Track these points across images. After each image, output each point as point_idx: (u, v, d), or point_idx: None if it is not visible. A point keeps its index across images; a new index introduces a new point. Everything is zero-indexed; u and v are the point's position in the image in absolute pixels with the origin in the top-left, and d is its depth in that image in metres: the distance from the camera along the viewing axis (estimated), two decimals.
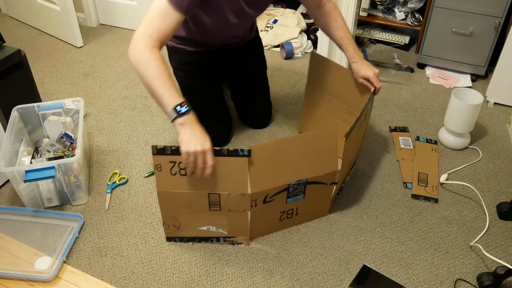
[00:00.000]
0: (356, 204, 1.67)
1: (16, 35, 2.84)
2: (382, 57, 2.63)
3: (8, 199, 1.69)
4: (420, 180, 1.76)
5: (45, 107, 1.80)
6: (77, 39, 2.67)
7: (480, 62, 2.33)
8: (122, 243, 1.53)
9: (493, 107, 2.21)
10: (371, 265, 1.46)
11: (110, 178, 1.78)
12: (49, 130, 1.80)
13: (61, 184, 1.60)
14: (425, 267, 1.45)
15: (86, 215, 1.63)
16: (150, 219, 1.61)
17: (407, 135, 2.01)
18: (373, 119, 2.10)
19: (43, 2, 2.70)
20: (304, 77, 2.42)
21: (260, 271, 1.44)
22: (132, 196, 1.70)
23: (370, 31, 2.78)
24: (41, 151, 1.75)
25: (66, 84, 2.37)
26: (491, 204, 1.67)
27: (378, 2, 2.63)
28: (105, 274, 1.43)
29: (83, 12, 2.91)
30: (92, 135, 2.01)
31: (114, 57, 2.60)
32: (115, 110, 2.17)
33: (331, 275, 1.42)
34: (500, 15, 2.16)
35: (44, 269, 1.42)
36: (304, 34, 2.71)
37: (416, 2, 2.53)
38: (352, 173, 1.80)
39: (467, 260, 1.47)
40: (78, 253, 1.49)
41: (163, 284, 1.40)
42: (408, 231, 1.57)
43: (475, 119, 1.85)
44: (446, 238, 1.55)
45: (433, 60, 2.45)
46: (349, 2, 2.19)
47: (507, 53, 2.08)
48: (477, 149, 1.94)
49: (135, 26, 2.89)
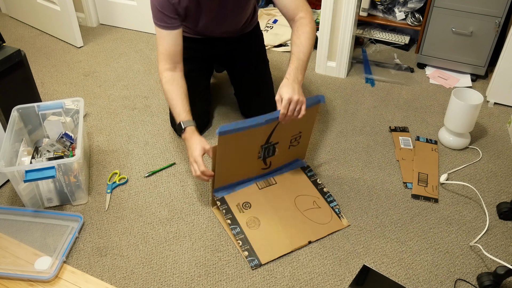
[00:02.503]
0: (356, 204, 1.67)
1: (16, 35, 2.84)
2: (382, 57, 2.63)
3: (8, 199, 1.69)
4: (420, 180, 1.76)
5: (45, 107, 1.80)
6: (77, 39, 2.67)
7: (480, 62, 2.33)
8: (122, 243, 1.53)
9: (493, 107, 2.21)
10: (371, 265, 1.45)
11: (110, 178, 1.78)
12: (49, 130, 1.80)
13: (61, 184, 1.60)
14: (425, 267, 1.45)
15: (86, 215, 1.63)
16: (150, 219, 1.61)
17: (407, 135, 2.01)
18: (373, 119, 2.10)
19: (43, 2, 2.70)
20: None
21: (260, 271, 1.44)
22: (132, 196, 1.70)
23: (370, 31, 2.78)
24: (41, 151, 1.75)
25: (66, 84, 2.37)
26: (491, 204, 1.67)
27: (378, 2, 2.63)
28: (105, 274, 1.43)
29: (83, 12, 2.90)
30: (92, 135, 2.01)
31: (114, 57, 2.60)
32: (115, 110, 2.17)
33: (331, 275, 1.42)
34: (500, 15, 2.16)
35: (44, 269, 1.42)
36: None
37: (416, 2, 2.53)
38: (352, 173, 1.81)
39: (467, 260, 1.47)
40: (78, 253, 1.49)
41: (163, 284, 1.40)
42: (408, 231, 1.57)
43: (475, 119, 1.85)
44: (446, 238, 1.54)
45: (433, 60, 2.45)
46: (349, 2, 2.19)
47: (507, 53, 2.08)
48: (477, 149, 1.94)
49: (135, 26, 2.90)
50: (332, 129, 2.04)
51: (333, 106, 2.20)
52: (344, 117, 2.12)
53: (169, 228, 1.58)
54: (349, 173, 1.81)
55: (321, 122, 2.08)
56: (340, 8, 2.24)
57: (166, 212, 1.64)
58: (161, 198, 1.69)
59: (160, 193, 1.72)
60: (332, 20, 2.28)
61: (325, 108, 2.17)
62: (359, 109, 2.18)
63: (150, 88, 2.32)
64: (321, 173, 1.80)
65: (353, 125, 2.07)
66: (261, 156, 1.60)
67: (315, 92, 2.30)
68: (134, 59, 2.58)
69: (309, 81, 2.39)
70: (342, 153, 1.91)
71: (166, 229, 1.58)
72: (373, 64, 2.54)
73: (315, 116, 1.64)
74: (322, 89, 2.32)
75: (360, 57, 2.61)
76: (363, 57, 2.61)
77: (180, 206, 1.66)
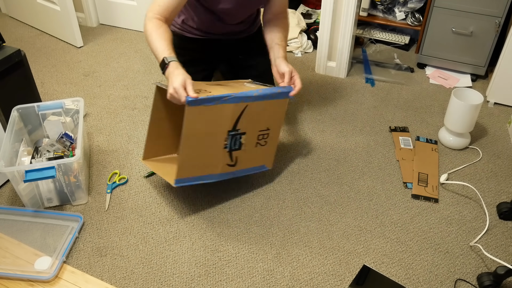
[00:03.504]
0: (356, 204, 1.67)
1: (16, 35, 2.84)
2: (382, 57, 2.63)
3: (8, 199, 1.69)
4: (420, 180, 1.76)
5: (45, 107, 1.80)
6: (77, 39, 2.67)
7: (480, 62, 2.33)
8: (122, 243, 1.53)
9: (493, 107, 2.21)
10: (371, 265, 1.45)
11: (110, 178, 1.78)
12: (49, 130, 1.80)
13: (61, 184, 1.60)
14: (425, 267, 1.45)
15: (86, 215, 1.63)
16: (150, 219, 1.61)
17: (407, 135, 2.01)
18: (373, 119, 2.10)
19: (43, 2, 2.70)
20: (303, 77, 2.42)
21: (260, 271, 1.44)
22: (132, 196, 1.70)
23: (370, 31, 2.78)
24: (41, 151, 1.75)
25: (66, 84, 2.37)
26: (491, 204, 1.67)
27: (378, 2, 2.63)
28: (105, 274, 1.43)
29: (83, 12, 2.91)
30: (92, 135, 2.01)
31: (114, 57, 2.60)
32: (115, 110, 2.17)
33: (331, 275, 1.42)
34: (500, 15, 2.16)
35: (44, 269, 1.42)
36: (304, 34, 2.71)
37: (416, 2, 2.53)
38: (352, 173, 1.81)
39: (467, 260, 1.47)
40: (78, 253, 1.49)
41: (163, 284, 1.40)
42: (408, 231, 1.57)
43: (475, 119, 1.85)
44: (446, 238, 1.54)
45: (433, 60, 2.45)
46: (349, 2, 2.19)
47: (507, 53, 2.08)
48: (477, 149, 1.94)
49: (135, 26, 2.90)
50: (332, 129, 2.04)
51: (333, 106, 2.20)
52: (344, 117, 2.12)
53: (169, 228, 1.58)
54: (349, 173, 1.81)
55: (321, 122, 2.08)
56: (340, 8, 2.24)
57: (166, 212, 1.64)
58: (161, 198, 1.69)
59: (160, 193, 1.72)
60: (332, 20, 2.28)
61: (325, 108, 2.18)
62: (359, 109, 2.18)
63: (150, 88, 2.32)
64: (321, 173, 1.80)
65: (353, 125, 2.07)
66: (228, 146, 1.57)
67: (315, 92, 2.30)
68: (134, 59, 2.58)
69: (309, 81, 2.39)
70: (342, 153, 1.91)
71: (166, 229, 1.58)
72: (373, 64, 2.54)
73: (283, 112, 1.64)
74: (322, 89, 2.32)
75: (360, 57, 2.61)
76: (363, 57, 2.61)
77: (180, 206, 1.66)
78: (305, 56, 2.63)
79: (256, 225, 1.59)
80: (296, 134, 2.01)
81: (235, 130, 1.55)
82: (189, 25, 1.80)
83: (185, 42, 1.85)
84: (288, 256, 1.48)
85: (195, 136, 1.47)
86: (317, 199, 1.69)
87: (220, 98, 1.44)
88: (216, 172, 1.61)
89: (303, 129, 2.04)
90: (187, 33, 1.83)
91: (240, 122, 1.54)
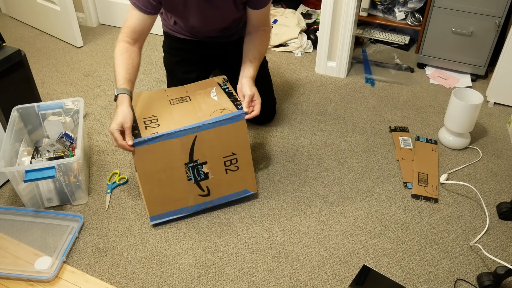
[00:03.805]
0: (356, 204, 1.67)
1: (16, 35, 2.84)
2: (382, 57, 2.63)
3: (8, 199, 1.69)
4: (420, 180, 1.76)
5: (45, 107, 1.80)
6: (77, 39, 2.67)
7: (480, 62, 2.33)
8: (122, 243, 1.53)
9: (493, 107, 2.21)
10: (371, 265, 1.46)
11: (110, 178, 1.78)
12: (49, 130, 1.80)
13: (61, 184, 1.60)
14: (425, 267, 1.45)
15: (86, 215, 1.63)
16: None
17: (407, 135, 2.01)
18: (373, 119, 2.10)
19: (43, 2, 2.70)
20: (303, 77, 2.42)
21: (260, 271, 1.44)
22: (132, 196, 1.70)
23: (370, 31, 2.78)
24: (41, 151, 1.75)
25: (66, 84, 2.37)
26: (491, 204, 1.67)
27: (378, 2, 2.63)
28: (105, 274, 1.43)
29: (83, 12, 2.91)
30: (92, 135, 2.01)
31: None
32: (115, 110, 2.16)
33: (331, 275, 1.42)
34: (500, 15, 2.16)
35: (44, 269, 1.42)
36: (304, 34, 2.71)
37: (416, 2, 2.53)
38: (352, 173, 1.81)
39: (467, 260, 1.47)
40: (78, 253, 1.49)
41: (163, 284, 1.40)
42: (408, 231, 1.57)
43: (475, 119, 1.85)
44: (446, 238, 1.55)
45: (433, 60, 2.45)
46: (349, 2, 2.19)
47: (507, 53, 2.08)
48: (477, 149, 1.94)
49: None
50: (332, 129, 2.04)
51: (333, 106, 2.20)
52: (344, 117, 2.12)
53: (169, 228, 1.58)
54: (349, 173, 1.81)
55: (321, 122, 2.08)
56: (340, 8, 2.24)
57: None
58: None
59: None
60: (332, 20, 2.28)
61: (325, 108, 2.18)
62: (359, 109, 2.18)
63: (150, 88, 2.32)
64: (321, 173, 1.80)
65: (353, 125, 2.07)
66: (191, 177, 1.54)
67: (315, 92, 2.30)
68: None
69: (309, 81, 2.39)
70: (342, 153, 1.91)
71: (166, 229, 1.58)
72: (373, 64, 2.54)
73: (245, 134, 1.56)
74: (322, 89, 2.32)
75: (360, 57, 2.61)
76: (363, 57, 2.61)
77: None
78: (305, 56, 2.63)
79: (256, 225, 1.59)
80: (296, 134, 2.01)
81: (194, 162, 1.52)
82: (179, 26, 1.81)
83: (177, 43, 1.87)
84: (288, 256, 1.48)
85: (151, 174, 1.48)
86: (317, 199, 1.69)
87: (163, 135, 1.44)
88: (190, 204, 1.59)
89: (303, 129, 2.04)
90: (178, 34, 1.84)
91: (196, 153, 1.51)
